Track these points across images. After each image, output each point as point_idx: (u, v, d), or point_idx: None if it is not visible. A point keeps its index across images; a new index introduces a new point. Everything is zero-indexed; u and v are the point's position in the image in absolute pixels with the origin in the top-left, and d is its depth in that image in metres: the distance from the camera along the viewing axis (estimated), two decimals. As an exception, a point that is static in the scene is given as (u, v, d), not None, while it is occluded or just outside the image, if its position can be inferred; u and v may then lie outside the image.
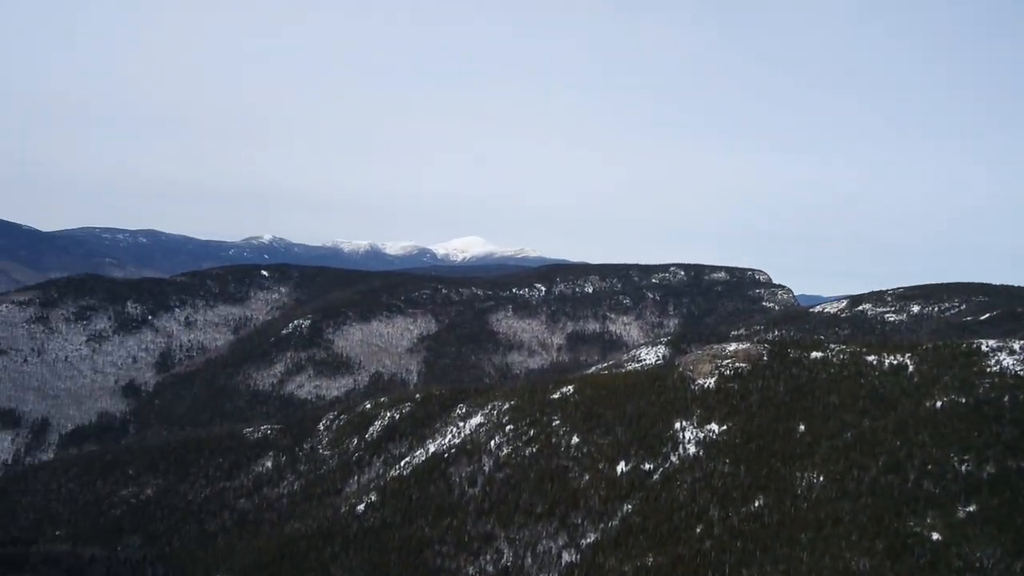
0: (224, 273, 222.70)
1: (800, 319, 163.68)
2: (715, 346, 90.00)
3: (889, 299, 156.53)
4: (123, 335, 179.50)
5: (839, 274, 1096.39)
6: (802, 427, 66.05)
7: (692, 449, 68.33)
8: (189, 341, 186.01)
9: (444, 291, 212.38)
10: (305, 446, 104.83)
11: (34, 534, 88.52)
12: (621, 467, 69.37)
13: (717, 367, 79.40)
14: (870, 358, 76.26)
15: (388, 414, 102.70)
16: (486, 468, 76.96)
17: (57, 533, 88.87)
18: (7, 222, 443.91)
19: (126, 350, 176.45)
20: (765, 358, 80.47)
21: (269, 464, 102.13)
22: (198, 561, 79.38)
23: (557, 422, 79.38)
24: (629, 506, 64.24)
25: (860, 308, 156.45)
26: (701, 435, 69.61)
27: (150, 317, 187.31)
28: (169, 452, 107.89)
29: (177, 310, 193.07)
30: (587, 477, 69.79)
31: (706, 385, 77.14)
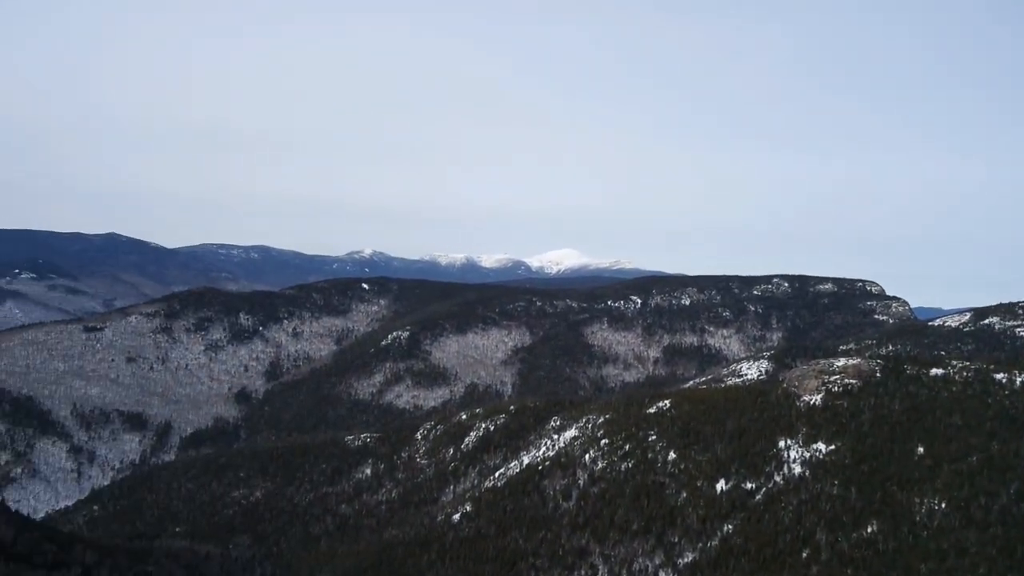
0: (328, 286, 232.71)
1: (917, 333, 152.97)
2: (822, 361, 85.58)
3: (1020, 312, 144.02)
4: (236, 345, 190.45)
5: (960, 285, 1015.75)
6: (921, 449, 61.59)
7: (797, 469, 65.04)
8: (296, 351, 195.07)
9: (538, 303, 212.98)
10: (403, 455, 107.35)
11: (157, 530, 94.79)
12: (721, 485, 66.91)
13: (824, 383, 75.40)
14: (999, 376, 70.41)
15: (483, 425, 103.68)
16: (580, 482, 76.15)
17: (177, 530, 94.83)
18: (137, 240, 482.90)
19: (239, 359, 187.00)
20: (878, 374, 75.76)
21: (368, 471, 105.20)
22: (302, 562, 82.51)
23: (653, 437, 77.58)
24: (729, 526, 61.81)
25: (986, 322, 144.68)
26: (807, 454, 66.16)
27: (261, 328, 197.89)
28: (277, 457, 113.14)
29: (285, 321, 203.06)
30: (684, 494, 67.72)
31: (812, 402, 73.38)
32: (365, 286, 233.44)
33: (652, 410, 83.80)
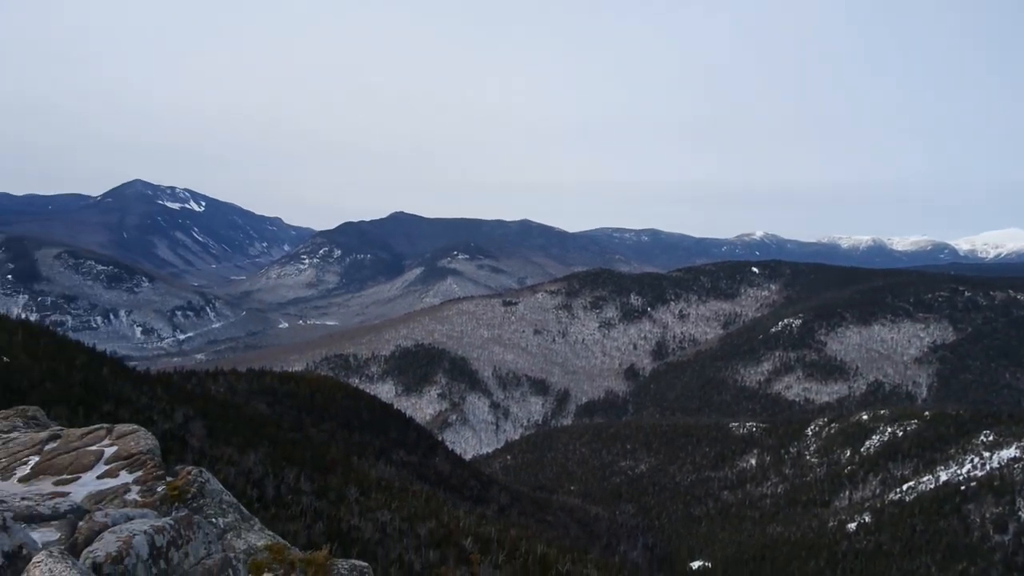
0: (716, 269, 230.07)
1: None
2: None
3: None
4: (626, 324, 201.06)
5: None
6: None
7: None
8: (682, 333, 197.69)
9: (967, 294, 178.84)
10: (791, 449, 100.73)
11: (555, 484, 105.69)
12: None
13: None
14: None
15: (889, 429, 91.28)
16: (1021, 513, 61.74)
17: (572, 488, 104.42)
18: (546, 225, 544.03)
19: (628, 337, 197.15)
20: None
21: (753, 461, 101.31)
22: (682, 540, 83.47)
23: None
24: None
25: None
26: None
27: (649, 309, 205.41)
28: (661, 434, 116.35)
29: (672, 303, 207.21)
30: None
31: None
32: (755, 270, 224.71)
33: None
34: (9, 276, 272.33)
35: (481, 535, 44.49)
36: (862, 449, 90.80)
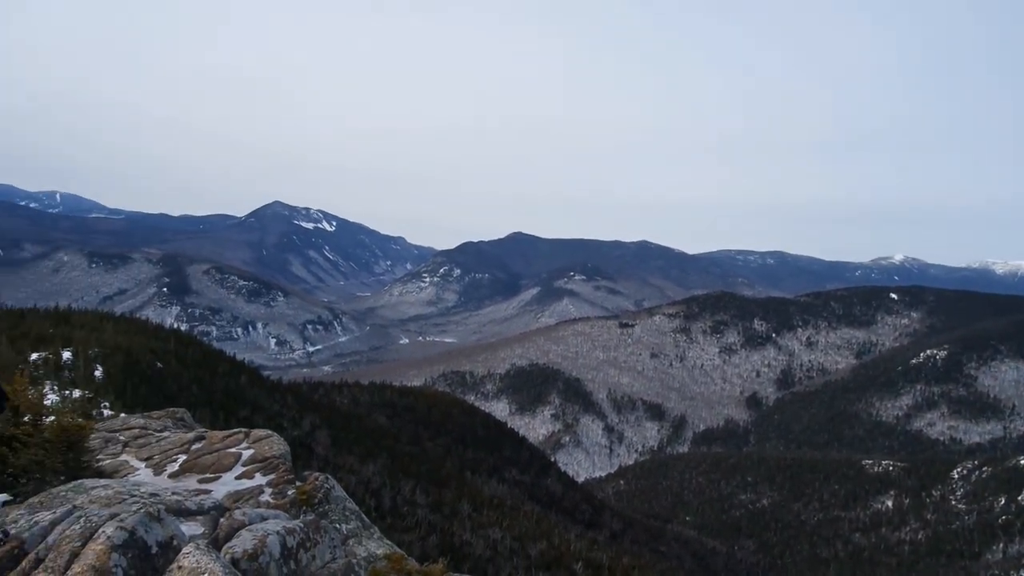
0: (848, 295, 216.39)
1: None
2: None
3: None
4: (749, 350, 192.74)
5: None
6: None
7: None
8: (809, 361, 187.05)
9: None
10: (934, 492, 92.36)
11: (669, 514, 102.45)
12: None
13: None
14: None
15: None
16: None
17: (687, 519, 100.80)
18: (663, 246, 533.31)
19: (751, 364, 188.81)
20: None
21: (889, 503, 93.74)
22: (808, 584, 78.38)
23: None
24: None
25: None
26: None
27: (774, 335, 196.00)
28: (785, 467, 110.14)
29: (799, 329, 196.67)
30: None
31: None
32: (893, 296, 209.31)
33: None
34: (165, 289, 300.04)
35: (592, 560, 43.76)
36: (1020, 497, 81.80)
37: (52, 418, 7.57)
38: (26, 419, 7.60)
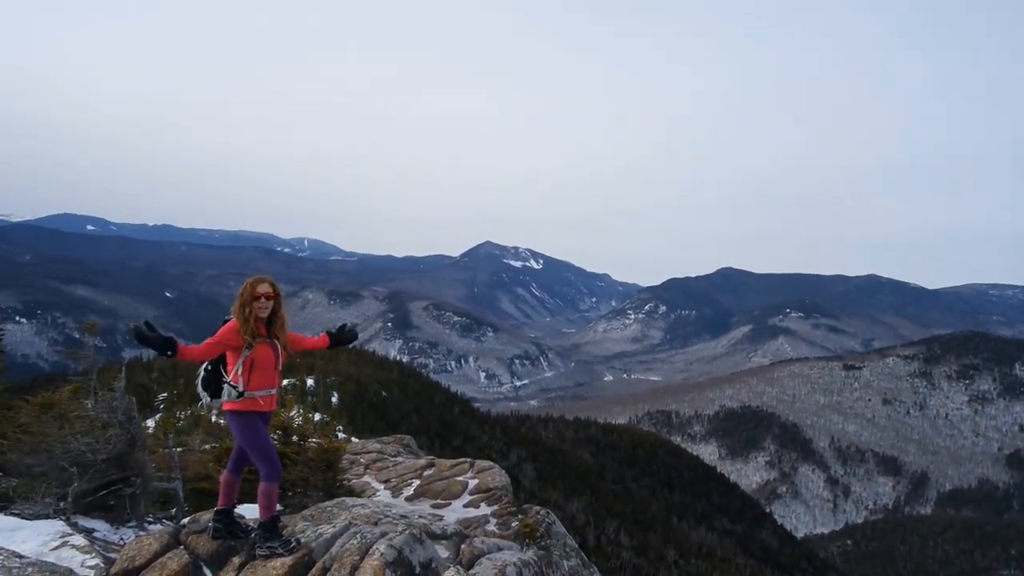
0: None
1: None
2: None
3: None
4: (1009, 399, 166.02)
5: None
6: None
7: None
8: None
9: None
10: None
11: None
12: None
13: None
14: None
15: None
16: None
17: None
18: (897, 281, 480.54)
19: (1011, 416, 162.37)
20: None
21: None
22: None
23: None
24: None
25: None
26: None
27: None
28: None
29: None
30: None
31: None
32: None
33: None
34: (389, 324, 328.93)
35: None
36: None
37: (315, 440, 8.69)
38: (294, 439, 8.81)
